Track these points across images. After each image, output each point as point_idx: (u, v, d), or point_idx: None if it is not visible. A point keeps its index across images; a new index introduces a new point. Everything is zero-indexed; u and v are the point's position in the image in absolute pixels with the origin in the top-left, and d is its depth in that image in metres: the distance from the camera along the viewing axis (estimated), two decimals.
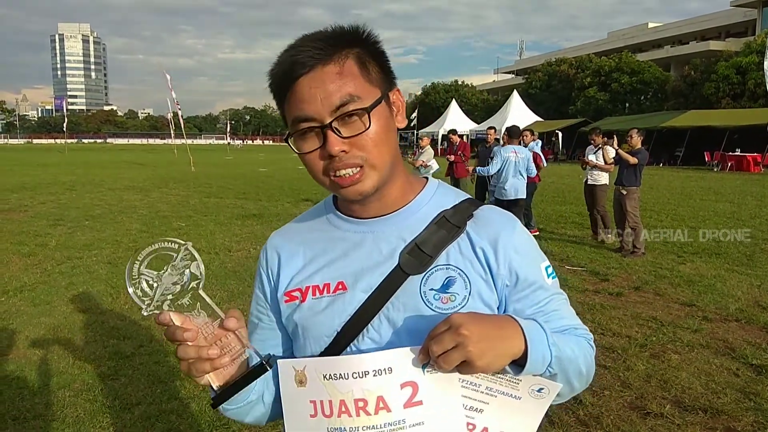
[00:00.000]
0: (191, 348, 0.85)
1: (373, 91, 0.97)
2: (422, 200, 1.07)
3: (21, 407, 3.47)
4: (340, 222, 1.09)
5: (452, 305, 0.98)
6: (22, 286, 6.15)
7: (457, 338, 0.83)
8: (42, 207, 12.45)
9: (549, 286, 1.04)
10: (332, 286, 1.03)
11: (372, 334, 1.00)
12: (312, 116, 0.94)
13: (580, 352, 0.99)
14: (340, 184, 0.97)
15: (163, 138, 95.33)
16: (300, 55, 0.94)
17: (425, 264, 0.99)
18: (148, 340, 4.61)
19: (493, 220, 1.04)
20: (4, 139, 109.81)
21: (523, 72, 73.33)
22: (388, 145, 0.99)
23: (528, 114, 40.69)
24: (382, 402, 0.90)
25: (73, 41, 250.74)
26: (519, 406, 0.92)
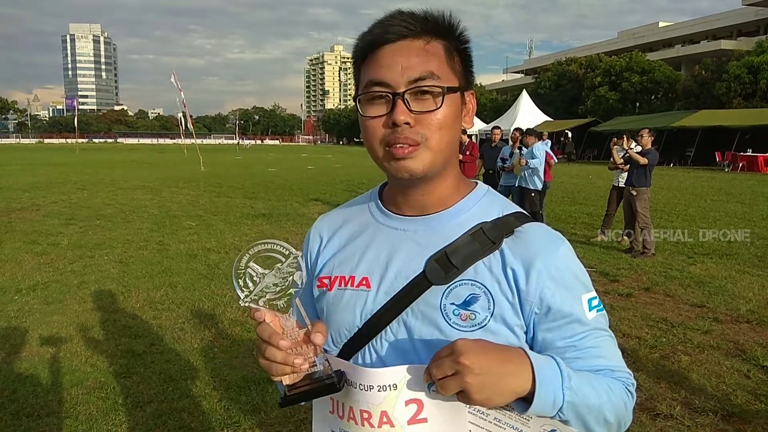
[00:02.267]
0: (280, 353, 0.85)
1: (453, 80, 0.96)
2: (464, 206, 1.02)
3: (35, 404, 3.52)
4: (379, 214, 1.07)
5: (471, 323, 0.93)
6: (35, 284, 6.22)
7: (456, 366, 0.79)
8: (54, 206, 12.56)
9: (588, 320, 0.94)
10: (356, 280, 1.02)
11: (389, 336, 0.99)
12: (387, 82, 0.92)
13: (608, 398, 0.89)
14: (393, 155, 0.94)
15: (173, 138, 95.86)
16: (392, 25, 0.94)
17: (450, 276, 0.95)
18: (159, 339, 4.65)
19: (533, 240, 0.96)
20: (16, 138, 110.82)
21: (533, 71, 73.13)
22: (450, 135, 0.96)
23: (537, 114, 40.55)
24: (385, 417, 0.89)
25: (84, 41, 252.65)
26: None
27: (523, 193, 9.45)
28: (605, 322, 0.98)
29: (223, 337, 4.66)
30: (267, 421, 3.38)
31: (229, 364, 4.16)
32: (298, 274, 0.86)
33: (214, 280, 6.44)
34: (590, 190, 16.90)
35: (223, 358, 4.26)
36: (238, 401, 3.60)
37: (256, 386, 3.77)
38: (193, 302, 5.61)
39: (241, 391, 3.72)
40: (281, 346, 0.84)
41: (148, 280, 6.47)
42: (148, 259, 7.56)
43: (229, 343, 4.53)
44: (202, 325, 4.97)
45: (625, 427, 0.95)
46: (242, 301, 0.86)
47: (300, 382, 0.91)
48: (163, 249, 8.21)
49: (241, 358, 4.25)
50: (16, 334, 4.73)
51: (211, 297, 5.78)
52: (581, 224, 10.62)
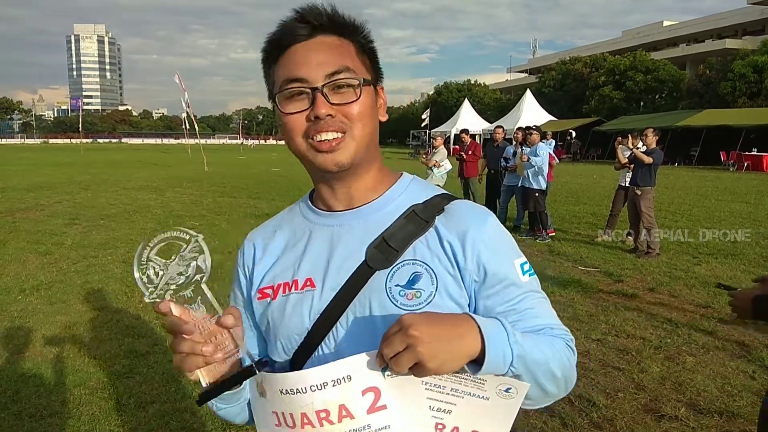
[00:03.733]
0: (187, 342, 0.84)
1: (366, 74, 1.00)
2: (393, 194, 1.05)
3: (38, 405, 3.52)
4: (311, 215, 1.08)
5: (418, 302, 0.96)
6: (39, 284, 6.23)
7: (407, 339, 0.80)
8: (58, 206, 12.59)
9: (523, 283, 0.99)
10: (300, 283, 1.02)
11: (341, 331, 0.99)
12: (304, 77, 0.95)
13: (553, 354, 0.93)
14: (318, 148, 0.97)
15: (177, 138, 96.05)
16: (302, 24, 0.96)
17: (391, 259, 0.98)
18: (162, 339, 4.65)
19: (463, 214, 1.01)
20: (20, 138, 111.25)
21: (537, 71, 73.01)
22: (371, 125, 1.00)
23: (541, 113, 40.52)
24: (344, 410, 0.88)
25: (89, 42, 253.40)
26: (488, 405, 0.90)
27: (527, 193, 9.42)
28: (538, 284, 1.03)
29: None
30: None
31: None
32: (201, 257, 0.84)
33: (216, 280, 6.37)
34: (595, 189, 16.85)
35: None
36: None
37: None
38: None
39: None
40: (184, 330, 0.83)
41: None
42: None
43: None
44: None
45: (571, 385, 0.98)
46: (147, 297, 0.84)
47: (222, 378, 0.89)
48: (166, 249, 8.20)
49: None
50: (19, 334, 4.73)
51: (214, 297, 5.76)
52: (585, 224, 10.58)
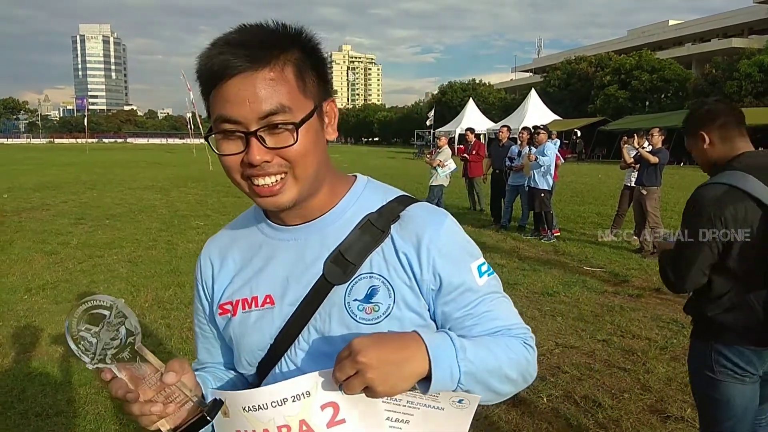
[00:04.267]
0: (136, 405, 0.85)
1: (306, 104, 0.92)
2: (347, 203, 1.02)
3: (44, 404, 3.53)
4: (267, 229, 1.05)
5: (376, 315, 0.96)
6: (45, 284, 6.25)
7: (356, 366, 0.81)
8: (64, 206, 12.64)
9: (479, 287, 0.99)
10: (260, 300, 1.01)
11: (303, 345, 0.99)
12: (237, 119, 0.88)
13: (507, 357, 0.94)
14: (258, 193, 0.93)
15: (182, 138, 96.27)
16: (234, 55, 0.87)
17: (349, 273, 0.96)
18: (167, 338, 4.66)
19: (417, 220, 0.99)
20: (26, 138, 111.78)
21: (542, 70, 72.91)
22: (314, 158, 0.94)
23: (546, 112, 40.39)
24: (305, 425, 0.90)
25: (94, 42, 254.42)
26: (443, 415, 0.92)
27: (533, 193, 9.39)
28: (498, 284, 1.02)
29: None
30: None
31: None
32: (128, 321, 0.85)
33: None
34: (600, 189, 16.80)
35: None
36: None
37: None
38: None
39: None
40: (129, 399, 0.84)
41: (157, 279, 6.50)
42: (157, 258, 7.59)
43: None
44: None
45: (531, 379, 1.00)
46: (90, 365, 0.85)
47: (183, 422, 0.90)
48: (171, 248, 8.24)
49: None
50: (25, 333, 4.75)
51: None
52: (591, 224, 10.55)
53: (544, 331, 4.82)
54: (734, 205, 1.97)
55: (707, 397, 2.15)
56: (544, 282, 6.51)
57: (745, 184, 1.97)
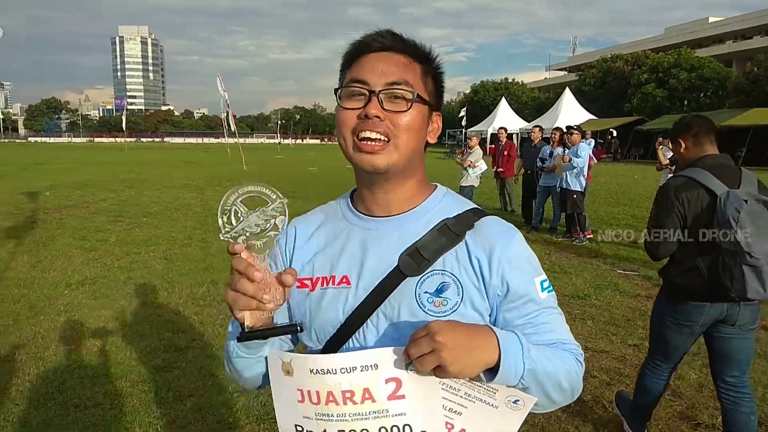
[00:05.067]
0: (251, 285, 0.90)
1: (424, 94, 1.08)
2: (428, 206, 1.13)
3: (82, 395, 3.66)
4: (352, 217, 1.16)
5: (444, 309, 1.04)
6: (84, 279, 6.46)
7: (432, 344, 0.89)
8: (103, 204, 13.00)
9: (541, 300, 1.08)
10: (337, 279, 1.10)
11: (371, 327, 1.07)
12: (366, 80, 1.04)
13: (563, 368, 1.02)
14: (360, 147, 1.04)
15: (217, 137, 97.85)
16: (380, 38, 1.07)
17: (422, 267, 1.05)
18: (200, 334, 4.77)
19: (492, 232, 1.10)
20: (67, 137, 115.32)
21: (577, 69, 71.79)
22: (416, 139, 1.07)
23: (581, 112, 39.79)
24: (368, 393, 0.97)
25: (133, 43, 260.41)
26: (495, 413, 0.98)
27: (565, 195, 9.28)
28: (555, 301, 1.12)
29: None
30: None
31: None
32: (280, 218, 0.92)
33: None
34: (635, 190, 16.48)
35: None
36: None
37: None
38: None
39: None
40: (255, 277, 0.90)
41: (191, 276, 6.65)
42: (192, 256, 7.76)
43: None
44: None
45: (577, 393, 1.07)
46: (222, 235, 0.91)
47: (259, 328, 0.97)
48: (206, 246, 8.41)
49: None
50: (65, 327, 4.93)
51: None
52: (625, 226, 10.35)
53: (574, 335, 4.73)
54: (690, 191, 2.68)
55: (655, 334, 3.04)
56: (575, 285, 6.43)
57: (699, 177, 2.68)
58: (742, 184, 2.63)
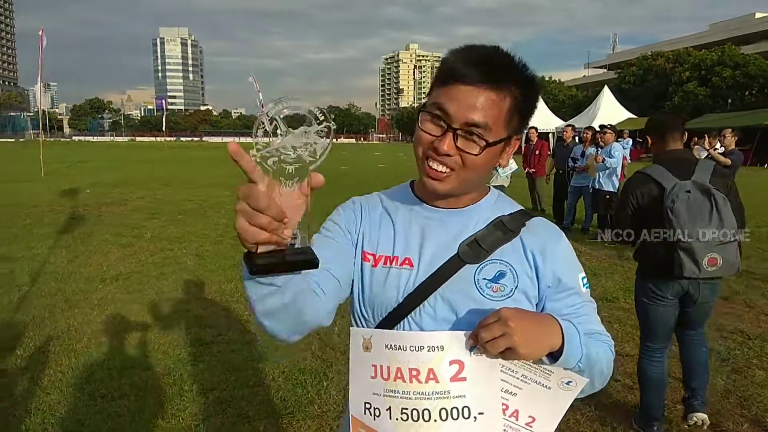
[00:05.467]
0: (266, 219, 0.77)
1: (502, 132, 1.12)
2: (484, 205, 1.24)
3: (109, 386, 3.79)
4: (414, 205, 1.25)
5: (501, 294, 1.14)
6: (118, 274, 6.66)
7: (504, 329, 0.97)
8: (140, 201, 13.37)
9: (583, 293, 1.20)
10: (400, 260, 1.19)
11: (428, 309, 1.15)
12: (449, 113, 1.09)
13: (604, 355, 1.14)
14: (427, 173, 1.13)
15: None
16: (479, 67, 1.07)
17: (481, 257, 1.16)
18: (226, 329, 4.88)
19: (542, 230, 1.23)
20: (110, 136, 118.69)
21: (616, 66, 70.32)
22: (480, 172, 1.15)
23: (620, 110, 38.95)
24: (432, 373, 1.05)
25: (173, 45, 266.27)
26: (548, 394, 1.07)
27: (598, 195, 9.12)
28: (590, 296, 1.23)
29: None
30: (320, 414, 3.48)
31: (288, 356, 4.30)
32: (322, 144, 0.80)
33: None
34: None
35: (283, 351, 4.41)
36: (294, 393, 3.73)
37: (313, 380, 3.89)
38: None
39: (297, 384, 3.85)
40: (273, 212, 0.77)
41: (221, 273, 6.79)
42: (222, 253, 7.91)
43: None
44: None
45: (608, 380, 1.18)
46: (253, 151, 0.77)
47: (272, 252, 0.83)
48: (236, 244, 8.53)
49: (300, 351, 4.38)
50: (97, 320, 5.10)
51: None
52: None
53: None
54: (642, 186, 3.10)
55: (640, 314, 3.31)
56: (604, 287, 6.33)
57: (652, 172, 3.07)
58: (695, 174, 2.95)
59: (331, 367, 4.08)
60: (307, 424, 3.37)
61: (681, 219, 2.88)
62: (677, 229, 2.87)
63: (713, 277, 2.99)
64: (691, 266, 2.90)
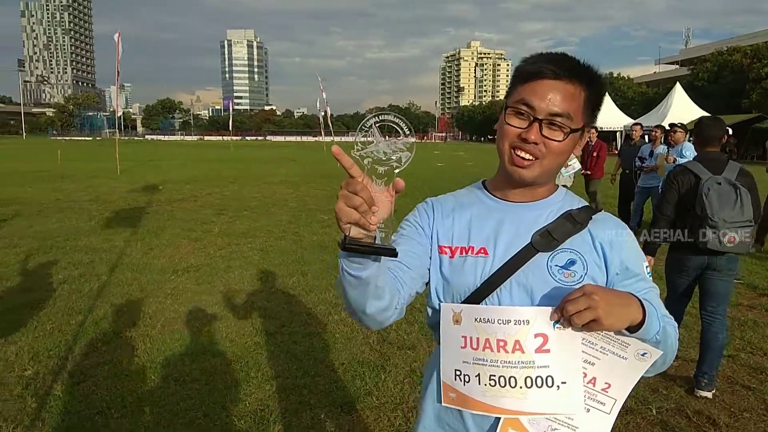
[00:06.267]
0: (359, 201, 0.94)
1: (580, 122, 1.25)
2: (554, 199, 1.35)
3: (181, 371, 4.03)
4: (487, 200, 1.37)
5: (572, 280, 1.24)
6: (189, 266, 7.02)
7: (589, 302, 1.07)
8: (209, 198, 13.94)
9: (649, 280, 1.30)
10: (476, 249, 1.30)
11: (504, 293, 1.25)
12: (534, 106, 1.21)
13: (672, 332, 1.23)
14: (514, 162, 1.25)
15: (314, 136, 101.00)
16: (554, 64, 1.22)
17: (553, 246, 1.26)
18: (289, 322, 5.06)
19: (609, 223, 1.32)
20: (180, 135, 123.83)
21: (689, 62, 67.11)
22: (560, 159, 1.26)
23: (692, 108, 37.16)
24: (518, 345, 1.16)
25: (240, 46, 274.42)
26: (623, 364, 1.16)
27: None
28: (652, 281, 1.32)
29: (345, 324, 4.96)
30: (378, 405, 3.58)
31: (347, 349, 4.43)
32: (406, 154, 0.99)
33: None
34: None
35: (342, 344, 4.54)
36: (353, 384, 3.84)
37: (371, 372, 4.00)
38: (320, 290, 6.01)
39: (356, 375, 3.96)
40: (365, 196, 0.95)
41: (284, 267, 7.02)
42: (285, 248, 8.17)
43: (349, 331, 4.82)
44: (326, 312, 5.32)
45: (673, 358, 1.26)
46: (354, 152, 0.98)
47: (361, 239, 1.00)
48: (298, 240, 8.82)
49: (359, 345, 4.50)
50: (170, 309, 5.40)
51: (336, 286, 6.12)
52: None
53: None
54: (683, 175, 3.81)
55: (668, 281, 4.06)
56: None
57: (690, 166, 3.84)
58: (725, 172, 3.66)
59: (388, 360, 4.18)
60: (366, 415, 3.48)
61: (712, 203, 3.57)
62: (707, 210, 3.57)
63: (729, 252, 3.64)
64: (714, 240, 3.57)
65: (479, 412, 1.22)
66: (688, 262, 3.84)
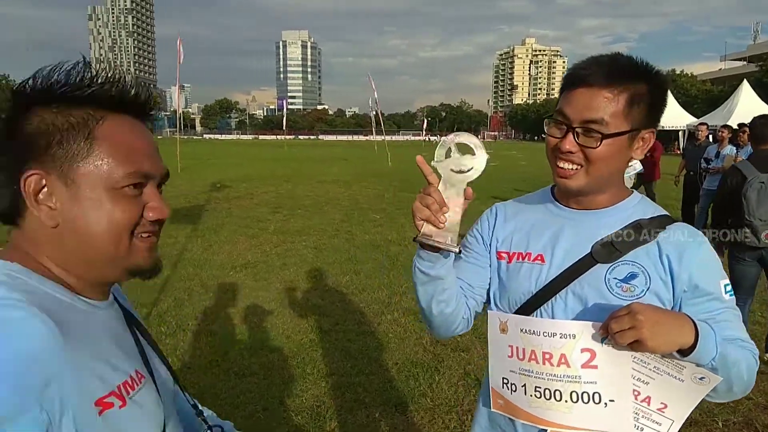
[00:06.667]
0: (431, 200, 1.11)
1: (622, 125, 1.18)
2: (623, 207, 1.28)
3: (241, 365, 4.15)
4: (551, 206, 1.34)
5: (631, 294, 1.18)
6: (246, 263, 7.20)
7: (633, 321, 1.02)
8: (264, 196, 14.26)
9: (725, 300, 1.20)
10: (533, 256, 1.29)
11: (560, 302, 1.23)
12: (567, 115, 1.20)
13: (744, 361, 1.14)
14: (558, 173, 1.24)
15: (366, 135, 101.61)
16: (592, 73, 1.18)
17: (614, 257, 1.21)
18: (343, 319, 5.13)
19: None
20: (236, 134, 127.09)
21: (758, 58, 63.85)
22: (607, 165, 1.20)
23: (761, 107, 35.30)
24: (564, 358, 1.14)
25: (294, 47, 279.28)
26: (681, 387, 1.11)
27: None
28: (734, 303, 1.23)
29: (398, 325, 4.99)
30: (433, 407, 3.58)
31: (400, 349, 4.45)
32: (476, 170, 1.12)
33: (393, 270, 6.85)
34: None
35: (395, 344, 4.57)
36: (407, 384, 3.86)
37: (425, 373, 4.00)
38: (373, 289, 6.06)
39: (410, 376, 3.98)
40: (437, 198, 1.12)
41: (337, 266, 7.11)
42: (338, 246, 8.28)
43: (402, 331, 4.84)
44: (379, 311, 5.36)
45: (749, 389, 1.19)
46: (434, 162, 1.13)
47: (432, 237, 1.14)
48: (350, 238, 8.91)
49: (412, 345, 4.52)
50: (229, 304, 5.57)
51: (389, 286, 6.17)
52: None
53: None
54: (732, 175, 4.08)
55: (730, 272, 4.15)
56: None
57: (740, 166, 4.13)
58: None
59: (442, 362, 4.17)
60: (420, 416, 3.49)
61: (750, 202, 3.83)
62: (745, 208, 3.85)
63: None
64: (752, 237, 3.84)
65: (526, 422, 1.23)
66: (743, 250, 4.05)
